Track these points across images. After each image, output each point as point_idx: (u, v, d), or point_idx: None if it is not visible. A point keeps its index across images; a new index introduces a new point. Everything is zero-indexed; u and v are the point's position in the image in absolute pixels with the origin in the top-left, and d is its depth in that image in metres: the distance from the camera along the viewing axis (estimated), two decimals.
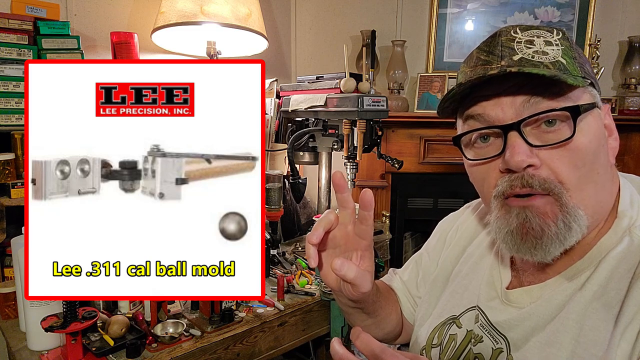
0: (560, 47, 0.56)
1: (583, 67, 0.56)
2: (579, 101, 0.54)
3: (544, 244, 0.54)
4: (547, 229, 0.53)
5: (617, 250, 0.55)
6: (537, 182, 0.53)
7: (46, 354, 0.98)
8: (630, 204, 0.58)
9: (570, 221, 0.53)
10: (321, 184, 1.82)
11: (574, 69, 0.55)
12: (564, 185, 0.53)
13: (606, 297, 0.53)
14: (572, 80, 0.51)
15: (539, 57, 0.54)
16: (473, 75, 0.57)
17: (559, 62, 0.54)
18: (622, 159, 2.04)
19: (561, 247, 0.54)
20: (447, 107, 0.62)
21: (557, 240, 0.53)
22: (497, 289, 0.65)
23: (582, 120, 0.53)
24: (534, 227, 0.54)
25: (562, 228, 0.53)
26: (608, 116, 0.59)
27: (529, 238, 0.55)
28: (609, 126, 0.59)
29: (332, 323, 1.27)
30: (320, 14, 2.34)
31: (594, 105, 0.55)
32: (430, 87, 2.24)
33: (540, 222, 0.54)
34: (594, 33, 2.20)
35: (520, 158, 0.52)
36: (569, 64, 0.55)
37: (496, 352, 0.61)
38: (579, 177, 0.53)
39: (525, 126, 0.54)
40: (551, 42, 0.56)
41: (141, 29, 1.67)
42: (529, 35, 0.56)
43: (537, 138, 0.54)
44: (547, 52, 0.55)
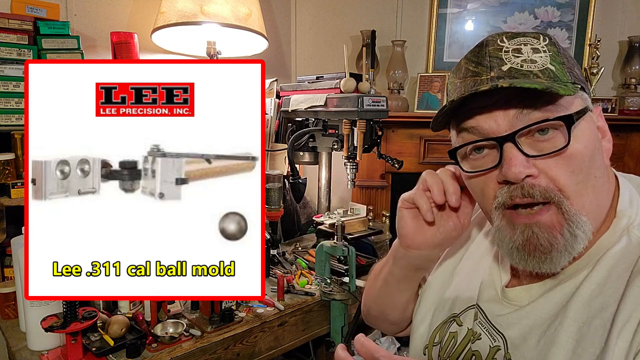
0: (548, 53, 0.56)
1: (572, 71, 0.56)
2: (571, 108, 0.53)
3: (554, 258, 0.54)
4: (555, 243, 0.53)
5: (615, 250, 0.55)
6: (537, 191, 0.53)
7: (46, 354, 0.98)
8: (629, 203, 0.58)
9: (574, 229, 0.53)
10: (321, 184, 1.82)
11: (563, 75, 0.55)
12: (563, 193, 0.53)
13: (604, 295, 0.53)
14: (563, 90, 0.50)
15: (527, 66, 0.54)
16: (464, 88, 0.57)
17: (548, 69, 0.54)
18: (622, 159, 2.05)
19: (569, 257, 0.54)
20: (440, 122, 0.63)
21: (565, 252, 0.53)
22: (497, 288, 0.66)
23: (576, 127, 0.53)
24: (542, 243, 0.54)
25: (569, 238, 0.53)
26: (600, 118, 0.59)
27: (537, 254, 0.54)
28: (602, 128, 0.58)
29: (332, 323, 1.27)
30: (320, 14, 2.34)
31: (586, 110, 0.55)
32: (430, 87, 2.24)
33: (548, 236, 0.53)
34: (594, 33, 2.19)
35: (518, 169, 0.52)
36: (558, 70, 0.55)
37: (494, 349, 0.61)
38: (577, 183, 0.53)
39: (520, 137, 0.54)
40: (538, 48, 0.56)
41: (141, 29, 1.67)
42: (516, 44, 0.56)
43: (532, 148, 0.54)
44: (536, 59, 0.55)
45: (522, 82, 0.51)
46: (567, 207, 0.53)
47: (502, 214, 0.57)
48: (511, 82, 0.51)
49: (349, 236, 1.54)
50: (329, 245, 1.30)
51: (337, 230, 1.31)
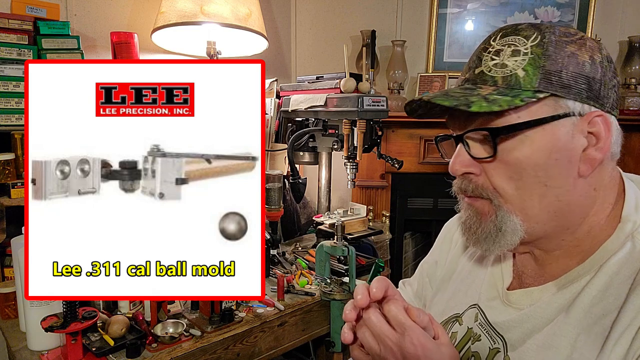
0: (529, 55, 0.54)
1: (550, 76, 0.53)
2: (523, 117, 0.53)
3: (480, 240, 0.60)
4: (479, 229, 0.60)
5: (619, 256, 0.54)
6: (471, 187, 0.59)
7: (46, 354, 0.98)
8: (635, 208, 0.57)
9: (500, 224, 0.58)
10: (321, 184, 1.82)
11: (530, 82, 0.53)
12: (499, 193, 0.57)
13: (605, 302, 0.53)
14: (476, 107, 0.52)
15: (494, 71, 0.56)
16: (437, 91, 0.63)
17: (513, 75, 0.54)
18: (622, 159, 2.04)
19: (496, 246, 0.59)
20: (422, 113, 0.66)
21: (489, 239, 0.59)
22: (499, 289, 0.66)
23: (517, 136, 0.54)
24: (472, 225, 0.61)
25: (493, 230, 0.58)
26: (595, 125, 0.55)
27: (469, 234, 0.62)
28: (597, 134, 0.55)
29: (332, 323, 1.27)
30: (320, 14, 2.34)
31: (553, 118, 0.53)
32: (430, 87, 2.24)
33: (477, 220, 0.61)
34: (594, 33, 2.20)
35: (455, 167, 0.59)
36: (528, 75, 0.54)
37: (493, 352, 0.61)
38: (516, 188, 0.56)
39: (471, 137, 0.58)
40: (520, 50, 0.55)
41: (141, 29, 1.67)
42: (502, 44, 0.57)
43: (482, 149, 0.57)
44: (507, 64, 0.55)
45: (438, 98, 0.55)
46: (497, 203, 0.58)
47: (460, 196, 0.63)
48: (430, 99, 0.57)
49: (349, 236, 1.54)
50: (329, 245, 1.30)
51: (337, 230, 1.31)
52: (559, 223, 0.57)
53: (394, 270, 2.32)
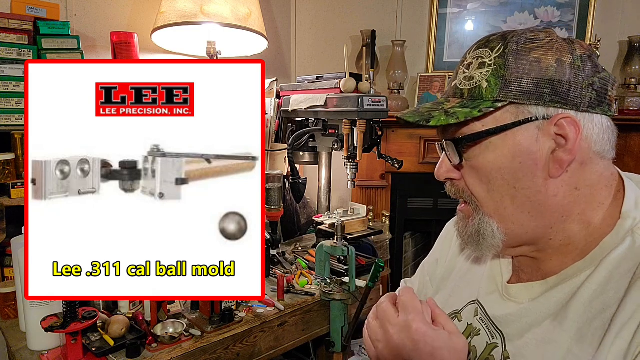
0: (492, 67, 0.56)
1: (509, 85, 0.55)
2: (488, 125, 0.57)
3: (467, 243, 0.64)
4: (464, 232, 0.64)
5: (619, 251, 0.55)
6: (454, 191, 0.64)
7: (46, 354, 0.98)
8: (635, 204, 0.58)
9: (478, 226, 0.61)
10: (321, 184, 1.82)
11: (491, 92, 0.56)
12: (476, 197, 0.61)
13: (605, 296, 0.53)
14: (434, 121, 0.58)
15: (464, 84, 0.60)
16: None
17: (478, 87, 0.57)
18: (622, 159, 2.05)
19: (480, 248, 0.62)
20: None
21: (472, 242, 0.63)
22: (498, 283, 0.67)
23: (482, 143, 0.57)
24: (460, 228, 0.66)
25: (474, 232, 0.62)
26: (562, 127, 0.54)
27: (460, 235, 0.66)
28: (565, 135, 0.54)
29: (332, 323, 1.27)
30: (320, 14, 2.34)
31: (514, 125, 0.55)
32: (430, 87, 2.24)
33: (462, 223, 0.65)
34: (594, 33, 2.19)
35: (438, 172, 0.64)
36: (489, 87, 0.56)
37: (491, 346, 0.62)
38: (487, 191, 0.60)
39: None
40: (485, 63, 0.57)
41: (141, 29, 1.67)
42: (473, 57, 0.59)
43: (453, 157, 0.61)
44: (474, 76, 0.58)
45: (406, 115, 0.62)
46: (475, 206, 0.62)
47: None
48: (402, 115, 0.63)
49: (349, 236, 1.54)
50: (329, 245, 1.30)
51: (337, 230, 1.31)
52: (539, 223, 0.58)
53: (394, 270, 2.32)
